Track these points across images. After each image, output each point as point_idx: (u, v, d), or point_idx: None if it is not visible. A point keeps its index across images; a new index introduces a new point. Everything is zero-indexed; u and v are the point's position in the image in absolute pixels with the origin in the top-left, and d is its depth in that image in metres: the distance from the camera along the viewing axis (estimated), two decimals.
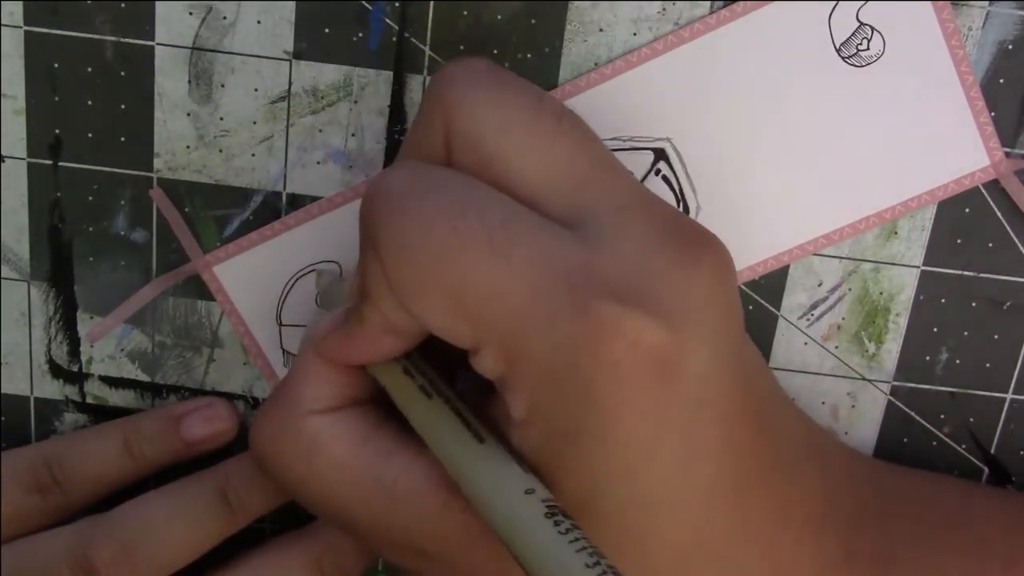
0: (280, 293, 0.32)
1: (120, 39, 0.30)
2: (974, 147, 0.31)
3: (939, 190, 0.31)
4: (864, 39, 0.30)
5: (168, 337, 0.33)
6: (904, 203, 0.31)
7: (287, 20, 0.30)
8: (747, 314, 0.32)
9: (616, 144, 0.30)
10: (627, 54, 0.30)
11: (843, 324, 0.33)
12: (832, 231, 0.31)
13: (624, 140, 0.30)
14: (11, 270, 0.32)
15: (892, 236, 0.32)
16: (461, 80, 0.24)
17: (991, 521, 0.30)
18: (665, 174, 0.31)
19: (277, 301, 0.32)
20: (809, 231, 0.31)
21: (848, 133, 0.31)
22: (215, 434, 0.32)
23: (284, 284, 0.32)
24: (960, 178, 0.31)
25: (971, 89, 0.30)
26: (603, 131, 0.30)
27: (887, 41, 0.30)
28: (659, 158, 0.31)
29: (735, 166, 0.31)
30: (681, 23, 0.30)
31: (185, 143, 0.31)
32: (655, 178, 0.31)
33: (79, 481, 0.31)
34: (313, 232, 0.31)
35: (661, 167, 0.31)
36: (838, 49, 0.30)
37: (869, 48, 0.30)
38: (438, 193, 0.23)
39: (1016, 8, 0.30)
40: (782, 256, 0.32)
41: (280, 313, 0.32)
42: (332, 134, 0.31)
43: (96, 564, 0.29)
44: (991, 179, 0.31)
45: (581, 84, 0.30)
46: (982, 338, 0.33)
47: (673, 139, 0.31)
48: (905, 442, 0.34)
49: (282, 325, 0.32)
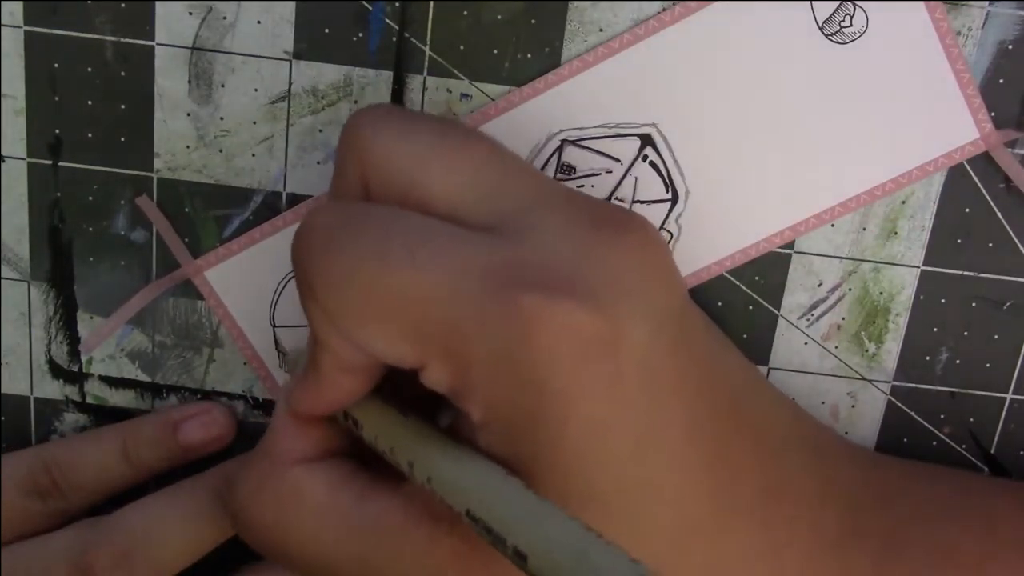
0: (273, 294, 0.32)
1: (120, 39, 0.30)
2: (962, 121, 0.30)
3: (929, 165, 0.31)
4: (847, 15, 0.29)
5: (168, 337, 0.33)
6: (895, 179, 0.31)
7: (287, 20, 0.30)
8: (747, 314, 0.32)
9: (602, 132, 0.30)
10: (609, 40, 0.30)
11: (843, 324, 0.33)
12: (822, 211, 0.31)
13: (610, 127, 0.30)
14: (11, 270, 0.32)
15: (892, 236, 0.32)
16: (368, 123, 0.25)
17: (998, 500, 0.30)
18: (652, 160, 0.31)
19: (270, 303, 0.32)
20: (798, 212, 0.31)
21: (834, 112, 0.30)
22: (213, 439, 0.32)
23: (276, 285, 0.32)
24: (950, 152, 0.31)
25: (957, 61, 0.30)
26: (588, 118, 0.30)
27: (870, 16, 0.29)
28: (646, 143, 0.31)
29: (722, 149, 0.31)
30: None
31: (185, 143, 0.31)
32: (643, 164, 0.31)
33: (78, 485, 0.31)
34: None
35: (648, 153, 0.31)
36: (821, 26, 0.29)
37: (852, 24, 0.29)
38: (360, 225, 0.23)
39: (1016, 8, 0.30)
40: (773, 238, 0.32)
41: (273, 314, 0.32)
42: (332, 134, 0.31)
43: (95, 568, 0.29)
44: (981, 152, 0.31)
45: (564, 72, 0.30)
46: (982, 338, 0.33)
47: (659, 124, 0.30)
48: (905, 442, 0.34)
49: (276, 326, 0.32)
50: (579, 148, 0.30)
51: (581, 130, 0.30)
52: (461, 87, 0.30)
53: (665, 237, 0.31)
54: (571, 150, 0.30)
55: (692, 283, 0.32)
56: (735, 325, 0.33)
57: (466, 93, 0.30)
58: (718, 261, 0.32)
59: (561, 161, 0.31)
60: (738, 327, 0.33)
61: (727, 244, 0.31)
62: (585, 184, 0.31)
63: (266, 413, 0.34)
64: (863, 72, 0.30)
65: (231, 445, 0.33)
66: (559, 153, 0.31)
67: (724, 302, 0.32)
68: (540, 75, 0.30)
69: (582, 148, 0.30)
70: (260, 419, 0.34)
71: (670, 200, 0.31)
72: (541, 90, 0.30)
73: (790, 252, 0.32)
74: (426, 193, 0.24)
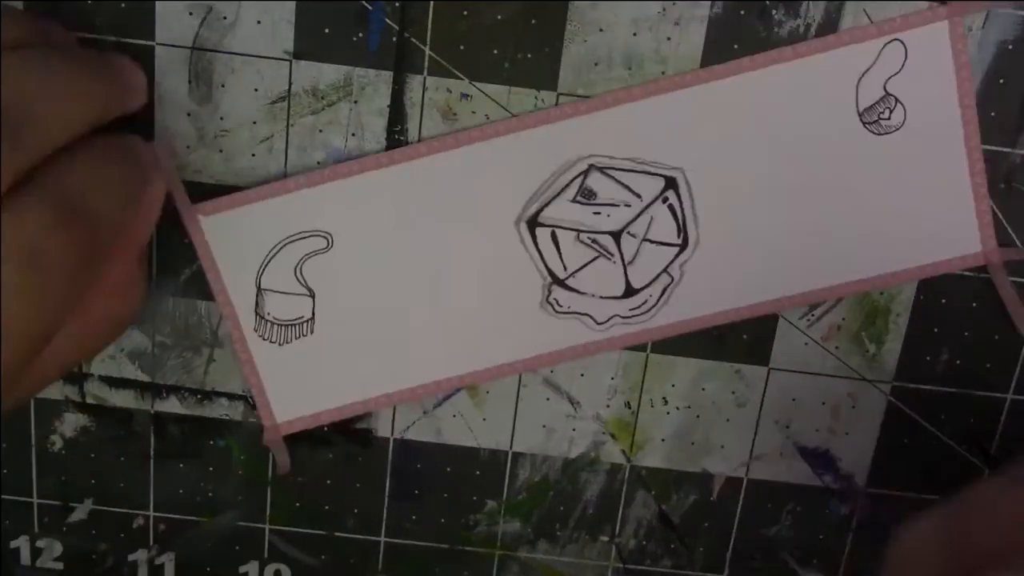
0: (264, 256, 0.32)
1: (120, 39, 0.30)
2: (969, 232, 0.31)
3: (927, 268, 0.32)
4: (888, 108, 0.30)
5: (168, 337, 0.33)
6: (892, 274, 0.32)
7: (287, 20, 0.30)
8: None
9: (630, 164, 0.31)
10: (657, 79, 0.30)
11: (843, 324, 0.33)
12: (819, 288, 0.32)
13: (638, 163, 0.31)
14: None
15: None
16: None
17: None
18: (672, 203, 0.31)
19: (260, 264, 0.32)
20: (796, 286, 0.32)
21: (853, 196, 0.31)
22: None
23: (270, 248, 0.32)
24: (949, 260, 0.31)
25: (978, 176, 0.30)
26: (620, 149, 0.30)
27: (908, 115, 0.30)
28: (669, 186, 0.31)
29: (740, 208, 0.31)
30: (680, 23, 0.30)
31: (185, 143, 0.31)
32: (661, 205, 0.31)
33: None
34: (307, 200, 0.31)
35: (669, 195, 0.31)
36: (861, 113, 0.30)
37: (891, 118, 0.30)
38: None
39: (1016, 8, 0.30)
40: (766, 304, 0.32)
41: (261, 277, 0.32)
42: (332, 134, 0.31)
43: None
44: (979, 265, 0.31)
45: (608, 100, 0.30)
46: (982, 338, 0.33)
47: (686, 170, 0.31)
48: (905, 442, 0.34)
49: (261, 289, 0.32)
50: (605, 176, 0.31)
51: (611, 159, 0.31)
52: (461, 87, 0.30)
53: (665, 280, 0.32)
54: (596, 176, 0.31)
55: (679, 331, 0.32)
56: (735, 325, 0.33)
57: (466, 93, 0.30)
58: (710, 315, 0.32)
59: (584, 185, 0.31)
60: (738, 327, 0.33)
61: (723, 301, 0.32)
62: (602, 212, 0.31)
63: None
64: (890, 165, 0.30)
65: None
66: (584, 176, 0.31)
67: None
68: (540, 75, 0.30)
69: (608, 177, 0.31)
70: (260, 419, 0.34)
71: (679, 246, 0.31)
72: (582, 111, 0.30)
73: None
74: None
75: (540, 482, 0.35)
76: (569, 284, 0.32)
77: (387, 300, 0.32)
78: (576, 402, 0.34)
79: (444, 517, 0.35)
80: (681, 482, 0.35)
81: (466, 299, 0.32)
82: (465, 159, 0.31)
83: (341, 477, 0.34)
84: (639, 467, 0.34)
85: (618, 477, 0.35)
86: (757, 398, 0.34)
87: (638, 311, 0.32)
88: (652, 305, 0.32)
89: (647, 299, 0.32)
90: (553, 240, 0.31)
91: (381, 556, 0.36)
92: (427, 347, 0.32)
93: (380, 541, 0.35)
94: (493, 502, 0.35)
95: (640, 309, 0.32)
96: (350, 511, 0.35)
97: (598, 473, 0.34)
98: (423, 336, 0.32)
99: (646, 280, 0.32)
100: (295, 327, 0.32)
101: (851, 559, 0.36)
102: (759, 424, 0.34)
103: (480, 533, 0.35)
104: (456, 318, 0.32)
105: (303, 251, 0.31)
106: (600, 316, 0.32)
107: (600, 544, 0.35)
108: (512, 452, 0.34)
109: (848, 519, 0.35)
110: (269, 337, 0.32)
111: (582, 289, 0.32)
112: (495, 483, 0.35)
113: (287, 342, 0.32)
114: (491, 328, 0.32)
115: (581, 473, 0.34)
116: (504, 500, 0.35)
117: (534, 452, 0.34)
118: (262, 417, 0.33)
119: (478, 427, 0.34)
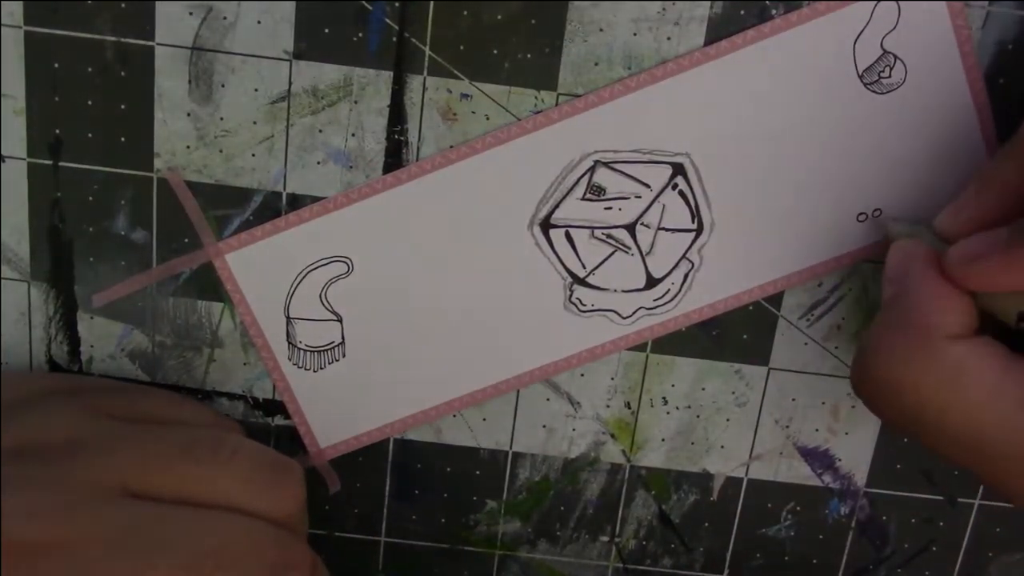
0: (289, 286, 0.32)
1: (120, 39, 0.30)
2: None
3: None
4: (887, 67, 0.30)
5: (168, 337, 0.33)
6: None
7: (287, 20, 0.30)
8: (747, 313, 0.32)
9: (636, 156, 0.31)
10: (653, 68, 0.30)
11: (843, 324, 0.33)
12: (842, 254, 0.32)
13: (644, 153, 0.31)
14: (11, 270, 0.32)
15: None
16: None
17: None
18: (682, 188, 0.31)
19: (286, 294, 0.32)
20: (817, 254, 0.32)
21: (863, 159, 0.31)
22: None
23: (294, 277, 0.32)
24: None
25: (987, 128, 0.30)
26: (624, 142, 0.30)
27: (908, 71, 0.30)
28: (677, 172, 0.31)
29: (752, 185, 0.31)
30: (680, 23, 0.30)
31: (185, 143, 0.31)
32: (672, 192, 0.31)
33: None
34: (325, 227, 0.31)
35: (678, 182, 0.31)
36: (860, 75, 0.30)
37: (891, 75, 0.30)
38: None
39: (1016, 8, 0.30)
40: (792, 277, 0.32)
41: (288, 306, 0.32)
42: (332, 134, 0.31)
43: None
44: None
45: (605, 95, 0.30)
46: None
47: (692, 155, 0.31)
48: (905, 442, 0.34)
49: (290, 318, 0.32)
50: (611, 170, 0.31)
51: (615, 152, 0.31)
52: (461, 87, 0.30)
53: (685, 267, 0.32)
54: (603, 172, 0.31)
55: (707, 315, 0.32)
56: (736, 325, 0.33)
57: (466, 93, 0.30)
58: (735, 295, 0.32)
59: (592, 182, 0.31)
60: (738, 327, 0.33)
61: (748, 280, 0.32)
62: (613, 207, 0.31)
63: (266, 413, 0.34)
64: (894, 124, 0.30)
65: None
66: (591, 173, 0.31)
67: None
68: (540, 75, 0.30)
69: (614, 171, 0.31)
70: (260, 419, 0.34)
71: (695, 231, 0.31)
72: (580, 109, 0.30)
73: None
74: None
75: (540, 482, 0.35)
76: (590, 282, 0.32)
77: (413, 317, 0.32)
78: (576, 402, 0.34)
79: (444, 517, 0.35)
80: (681, 482, 0.35)
81: (491, 307, 0.32)
82: (470, 170, 0.31)
83: (341, 477, 0.34)
84: (639, 467, 0.34)
85: (618, 477, 0.35)
86: (757, 398, 0.34)
87: (662, 301, 0.32)
88: (676, 293, 0.32)
89: (670, 288, 0.32)
90: (568, 240, 0.31)
91: (381, 556, 0.36)
92: (458, 359, 0.33)
93: (380, 541, 0.35)
94: (493, 502, 0.35)
95: (664, 299, 0.32)
96: (350, 511, 0.35)
97: (598, 473, 0.35)
98: (453, 348, 0.32)
99: (666, 269, 0.32)
100: (327, 352, 0.33)
101: (851, 559, 0.36)
102: (759, 424, 0.34)
103: (480, 533, 0.35)
104: (483, 327, 0.32)
105: (326, 277, 0.32)
106: (625, 310, 0.32)
107: (600, 544, 0.35)
108: (512, 452, 0.34)
109: (848, 519, 0.35)
110: (304, 364, 0.33)
111: (604, 285, 0.32)
112: (495, 483, 0.35)
113: (321, 368, 0.33)
114: (519, 334, 0.32)
115: (581, 473, 0.35)
116: (504, 500, 0.35)
117: (534, 452, 0.34)
118: (306, 443, 0.33)
119: (478, 427, 0.34)
